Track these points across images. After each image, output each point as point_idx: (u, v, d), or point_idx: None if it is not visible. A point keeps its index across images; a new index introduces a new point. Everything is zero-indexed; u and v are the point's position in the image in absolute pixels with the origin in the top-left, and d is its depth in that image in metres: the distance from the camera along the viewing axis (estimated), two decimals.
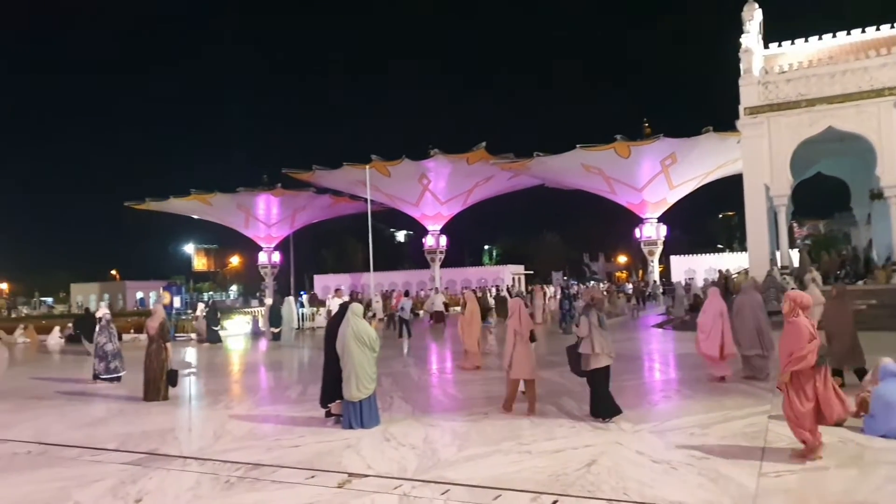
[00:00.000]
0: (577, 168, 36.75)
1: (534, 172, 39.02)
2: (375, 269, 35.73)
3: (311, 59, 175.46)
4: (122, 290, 63.98)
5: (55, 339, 24.25)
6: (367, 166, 34.88)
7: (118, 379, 12.83)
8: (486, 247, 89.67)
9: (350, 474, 5.94)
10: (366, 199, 34.78)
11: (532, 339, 8.77)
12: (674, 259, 55.03)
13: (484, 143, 36.17)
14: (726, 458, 5.96)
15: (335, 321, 8.24)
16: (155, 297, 57.56)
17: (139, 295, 62.65)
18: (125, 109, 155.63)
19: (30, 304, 65.52)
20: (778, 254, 23.22)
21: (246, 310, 29.97)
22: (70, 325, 23.48)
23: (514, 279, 48.79)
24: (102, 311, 14.85)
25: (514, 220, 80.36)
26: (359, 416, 7.70)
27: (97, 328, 13.62)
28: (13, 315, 45.59)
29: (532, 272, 58.24)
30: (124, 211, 48.21)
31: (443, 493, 5.32)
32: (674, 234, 45.47)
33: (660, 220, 41.56)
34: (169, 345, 11.01)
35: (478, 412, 8.55)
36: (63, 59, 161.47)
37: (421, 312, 28.67)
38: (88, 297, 63.32)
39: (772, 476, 5.46)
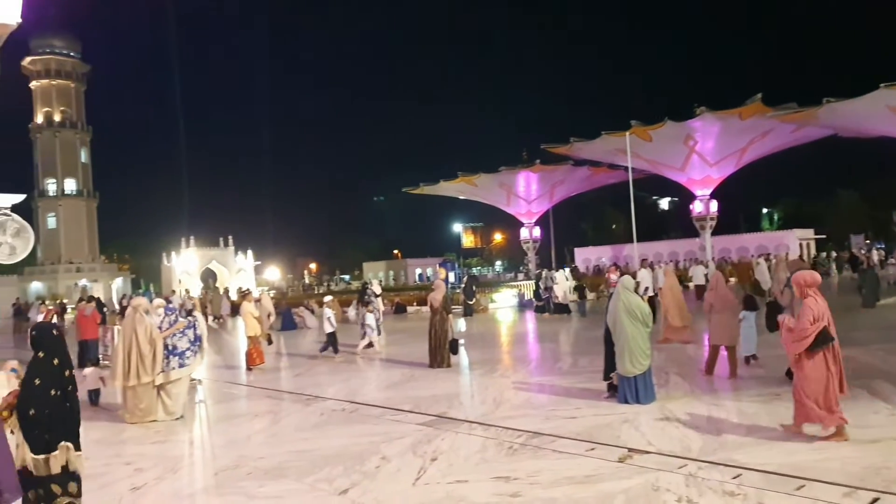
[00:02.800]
0: (882, 112, 31.02)
1: (823, 122, 33.94)
2: (638, 240, 34.52)
3: (566, 34, 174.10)
4: (403, 267, 71.05)
5: (353, 311, 27.83)
6: (627, 133, 33.63)
7: (370, 345, 14.46)
8: (765, 210, 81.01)
9: (630, 449, 5.85)
10: (626, 168, 33.58)
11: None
12: None
13: (759, 95, 32.50)
14: None
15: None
16: (432, 272, 62.92)
17: (418, 271, 68.99)
18: (398, 107, 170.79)
19: (332, 280, 76.04)
20: None
21: (513, 283, 31.16)
22: None
23: (801, 245, 43.50)
24: (374, 287, 16.90)
25: (798, 179, 71.02)
26: (634, 391, 7.55)
27: (365, 300, 15.44)
28: (320, 290, 53.47)
29: (824, 236, 51.31)
30: (402, 196, 53.20)
31: (734, 478, 4.97)
32: None
33: None
34: (451, 316, 11.91)
35: (767, 392, 7.81)
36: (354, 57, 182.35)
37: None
38: (377, 273, 71.46)
39: None
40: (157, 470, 6.17)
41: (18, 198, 9.90)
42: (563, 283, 21.32)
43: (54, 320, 11.35)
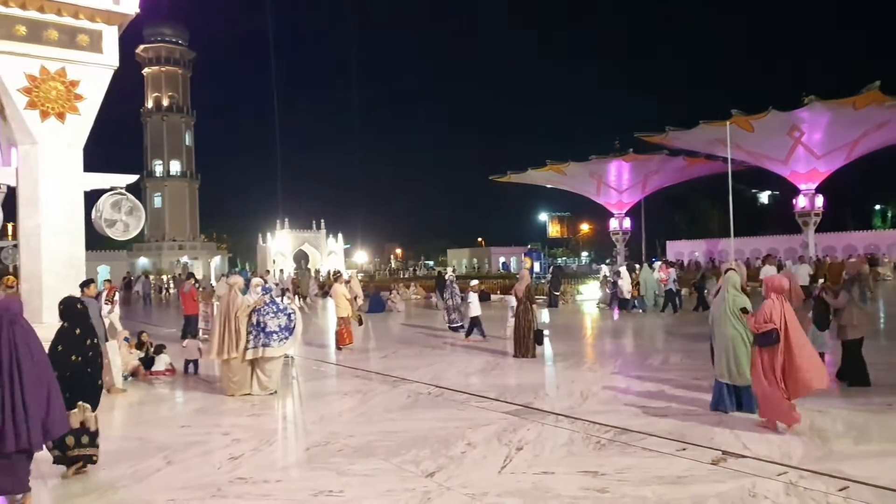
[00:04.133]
0: None
1: None
2: (735, 235, 33.03)
3: (660, 19, 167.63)
4: (487, 255, 71.15)
5: (437, 296, 28.16)
6: (727, 122, 32.13)
7: (457, 329, 14.99)
8: (878, 207, 75.44)
9: (724, 452, 5.63)
10: (724, 159, 32.12)
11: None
12: None
13: (878, 83, 30.21)
14: None
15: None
16: (515, 261, 62.67)
17: (502, 259, 68.89)
18: (486, 93, 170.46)
19: (417, 265, 77.17)
20: None
21: (599, 276, 30.48)
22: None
23: None
24: (449, 274, 17.43)
25: None
26: (733, 397, 6.98)
27: (445, 287, 15.98)
28: (405, 275, 54.40)
29: None
30: (488, 183, 53.09)
31: (840, 490, 4.68)
32: None
33: None
34: (535, 306, 11.82)
35: (878, 402, 7.31)
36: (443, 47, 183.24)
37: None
38: (461, 261, 71.87)
39: None
40: (253, 442, 6.46)
41: (132, 178, 10.55)
42: (627, 279, 20.84)
43: (116, 297, 12.20)
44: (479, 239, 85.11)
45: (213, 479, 5.35)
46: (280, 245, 54.78)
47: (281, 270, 36.69)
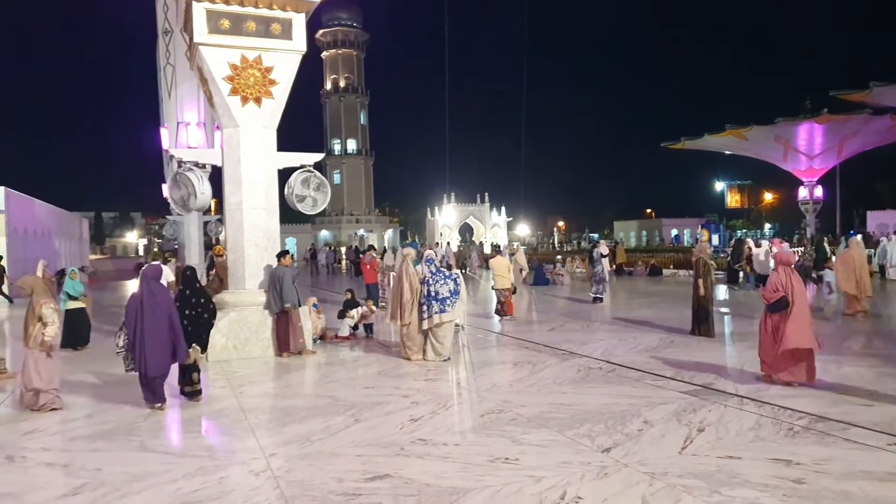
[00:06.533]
0: None
1: None
2: None
3: None
4: (658, 227, 68.08)
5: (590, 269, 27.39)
6: None
7: (599, 300, 15.86)
8: None
9: None
10: None
11: None
12: None
13: None
14: None
15: None
16: (689, 234, 59.40)
17: (674, 232, 65.58)
18: (658, 55, 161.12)
19: (580, 238, 75.81)
20: None
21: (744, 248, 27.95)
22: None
23: None
24: (599, 249, 17.20)
25: None
26: None
27: (593, 260, 16.82)
28: (567, 248, 53.69)
29: None
30: (660, 151, 50.40)
31: None
32: None
33: None
34: (701, 281, 11.03)
35: None
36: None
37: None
38: (629, 233, 69.43)
39: None
40: (431, 405, 6.77)
41: (319, 156, 11.35)
42: (764, 250, 18.83)
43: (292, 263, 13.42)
44: (649, 210, 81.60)
45: (396, 438, 5.69)
46: (446, 218, 56.43)
47: (448, 243, 37.86)
